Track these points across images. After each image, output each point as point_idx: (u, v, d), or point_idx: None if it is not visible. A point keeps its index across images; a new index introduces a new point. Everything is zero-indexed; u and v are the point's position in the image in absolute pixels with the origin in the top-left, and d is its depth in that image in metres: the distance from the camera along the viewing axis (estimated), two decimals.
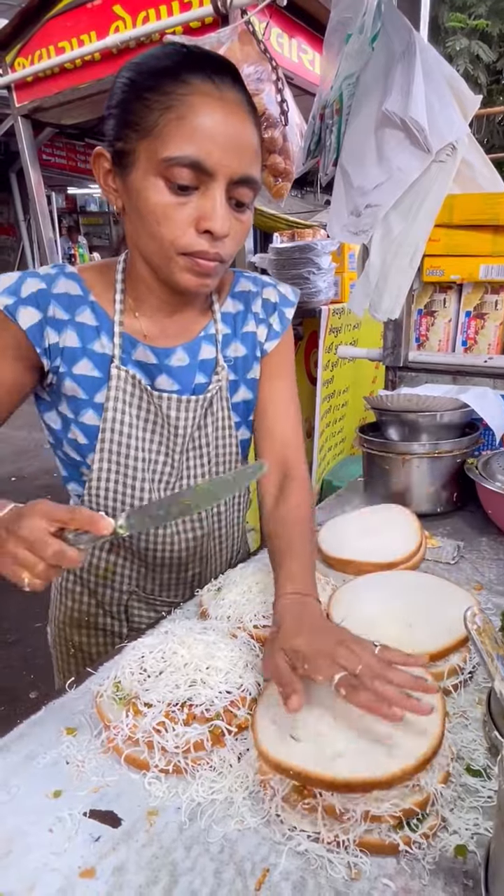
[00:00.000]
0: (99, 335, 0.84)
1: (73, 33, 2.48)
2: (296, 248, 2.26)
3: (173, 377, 0.88)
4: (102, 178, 0.77)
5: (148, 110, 0.69)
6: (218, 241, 0.73)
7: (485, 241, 1.41)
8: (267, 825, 0.55)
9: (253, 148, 0.73)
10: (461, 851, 0.52)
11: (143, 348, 0.86)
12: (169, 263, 0.75)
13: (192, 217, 0.71)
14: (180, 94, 0.68)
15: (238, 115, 0.71)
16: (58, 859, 0.53)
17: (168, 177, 0.69)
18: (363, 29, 1.22)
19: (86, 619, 1.02)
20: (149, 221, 0.72)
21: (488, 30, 12.01)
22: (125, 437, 0.87)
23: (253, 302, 0.96)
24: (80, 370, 0.84)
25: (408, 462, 1.21)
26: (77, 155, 6.45)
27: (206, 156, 0.68)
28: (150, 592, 1.01)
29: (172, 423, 0.88)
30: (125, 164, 0.73)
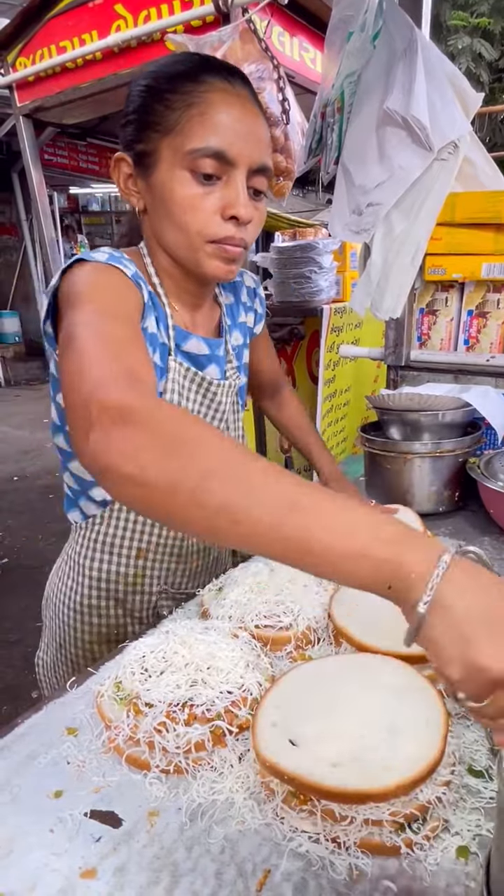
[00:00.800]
0: (159, 325, 0.86)
1: (74, 32, 2.48)
2: (297, 248, 2.26)
3: (218, 366, 0.94)
4: (123, 182, 0.82)
5: (169, 110, 0.74)
6: (242, 226, 0.78)
7: (487, 239, 1.41)
8: (268, 826, 0.55)
9: (266, 139, 0.80)
10: (463, 853, 0.52)
11: (197, 339, 0.90)
12: (197, 253, 0.79)
13: (218, 206, 0.76)
14: (200, 91, 0.74)
15: (252, 110, 0.78)
16: (58, 859, 0.52)
17: (193, 168, 0.74)
18: (365, 27, 1.22)
19: (115, 632, 0.99)
20: (176, 213, 0.77)
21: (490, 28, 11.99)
22: None
23: (240, 291, 1.05)
24: (153, 358, 0.84)
25: (409, 461, 1.21)
26: (79, 154, 6.46)
27: (229, 146, 0.74)
28: (179, 587, 1.01)
29: (220, 408, 0.95)
30: (148, 164, 0.78)
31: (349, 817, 0.51)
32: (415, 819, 0.52)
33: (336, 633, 0.77)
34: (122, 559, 0.95)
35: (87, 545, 0.96)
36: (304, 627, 0.79)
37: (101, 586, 0.97)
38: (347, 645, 0.75)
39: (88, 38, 2.44)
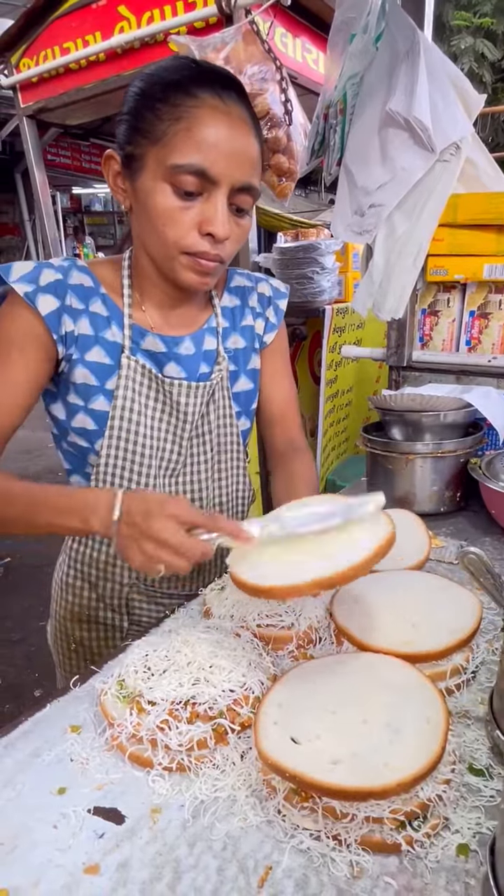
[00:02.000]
0: (110, 325, 0.88)
1: (77, 34, 2.48)
2: (299, 248, 2.26)
3: (181, 365, 0.93)
4: (112, 179, 0.83)
5: (158, 120, 0.74)
6: (219, 243, 0.79)
7: (489, 240, 1.41)
8: (270, 823, 0.55)
9: (254, 159, 0.79)
10: (463, 850, 0.52)
11: (153, 337, 0.91)
12: (172, 262, 0.81)
13: (196, 220, 0.77)
14: (189, 106, 0.74)
15: (241, 129, 0.77)
16: (62, 855, 0.53)
17: (175, 182, 0.75)
18: (367, 29, 1.22)
19: (86, 613, 1.03)
20: (155, 222, 0.78)
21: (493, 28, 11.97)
22: (134, 424, 0.90)
23: (249, 297, 1.03)
24: (93, 357, 0.87)
25: (411, 462, 1.21)
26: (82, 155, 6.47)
27: (211, 165, 0.74)
28: (151, 584, 1.02)
29: (182, 408, 0.93)
30: (134, 168, 0.79)
31: (350, 815, 0.52)
32: (415, 817, 0.53)
33: (337, 633, 0.77)
34: (96, 544, 0.99)
35: None
36: (305, 627, 0.80)
37: (78, 567, 1.02)
38: (349, 644, 0.75)
39: (92, 40, 2.44)
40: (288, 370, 1.11)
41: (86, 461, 0.93)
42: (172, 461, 0.96)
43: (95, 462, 0.91)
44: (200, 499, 1.00)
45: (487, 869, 0.46)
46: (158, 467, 0.94)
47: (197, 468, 0.98)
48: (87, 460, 0.93)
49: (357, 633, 0.74)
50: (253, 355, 1.03)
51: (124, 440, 0.90)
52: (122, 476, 0.92)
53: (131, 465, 0.92)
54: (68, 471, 0.97)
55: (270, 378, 1.07)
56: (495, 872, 0.46)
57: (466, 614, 0.76)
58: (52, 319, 0.83)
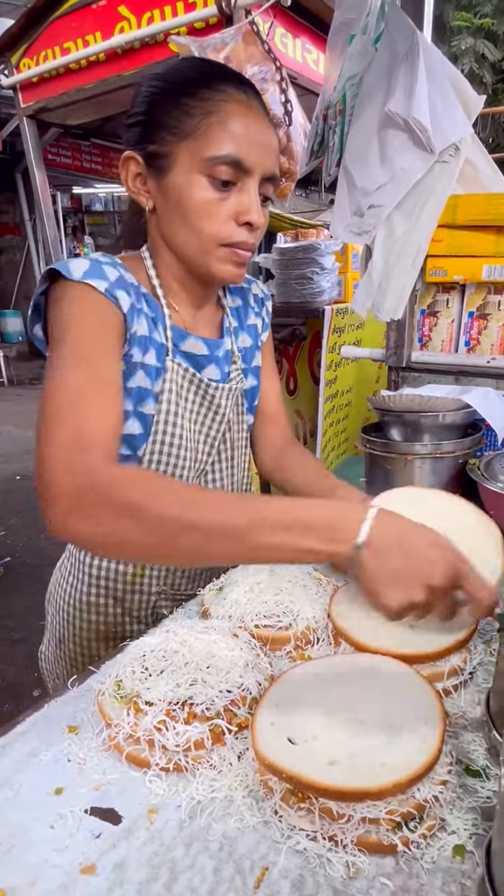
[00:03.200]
0: (156, 325, 0.87)
1: (78, 34, 2.49)
2: (299, 249, 2.26)
3: (218, 367, 0.95)
4: (131, 181, 0.83)
5: (187, 115, 0.76)
6: (253, 231, 0.81)
7: (488, 241, 1.41)
8: (266, 824, 0.55)
9: (276, 148, 0.83)
10: (459, 851, 0.52)
11: (195, 340, 0.91)
12: (208, 256, 0.82)
13: (233, 211, 0.79)
14: (219, 100, 0.76)
15: (264, 121, 0.81)
16: (59, 856, 0.53)
17: (211, 174, 0.77)
18: (367, 30, 1.22)
19: (113, 630, 0.99)
20: (191, 217, 0.79)
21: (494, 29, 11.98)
22: (177, 428, 0.90)
23: (248, 296, 1.06)
24: (148, 360, 0.86)
25: (410, 462, 1.21)
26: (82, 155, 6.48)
27: (245, 155, 0.77)
28: (178, 588, 1.01)
29: (220, 410, 0.95)
30: (161, 166, 0.79)
31: (346, 815, 0.52)
32: (412, 817, 0.53)
33: (335, 633, 0.77)
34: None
35: None
36: (303, 627, 0.80)
37: (101, 584, 0.97)
38: (346, 645, 0.75)
39: (92, 40, 2.45)
40: (275, 366, 1.15)
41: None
42: (203, 462, 0.97)
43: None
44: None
45: (483, 870, 0.46)
46: (192, 469, 0.95)
47: (220, 465, 1.00)
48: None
49: (355, 634, 0.74)
50: (256, 353, 1.06)
51: (167, 444, 0.89)
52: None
53: (171, 469, 0.91)
54: None
55: (265, 374, 1.10)
56: (491, 873, 0.46)
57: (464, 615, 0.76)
58: (129, 316, 0.80)
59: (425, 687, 0.63)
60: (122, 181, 0.84)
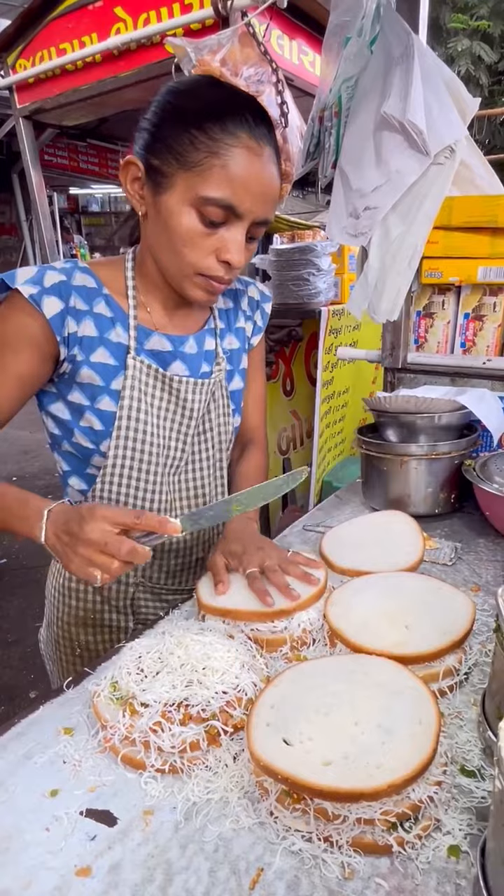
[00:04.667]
0: (114, 325, 0.90)
1: (74, 35, 2.49)
2: (296, 250, 2.26)
3: (186, 363, 0.96)
4: (129, 184, 0.84)
5: (193, 148, 0.76)
6: (231, 269, 0.83)
7: (483, 243, 1.42)
8: (262, 825, 0.56)
9: (276, 195, 0.84)
10: (454, 852, 0.52)
11: (159, 336, 0.93)
12: (184, 280, 0.85)
13: (215, 247, 0.81)
14: (227, 143, 0.76)
15: (270, 168, 0.81)
16: (54, 858, 0.53)
17: (202, 211, 0.78)
18: (362, 32, 1.22)
19: (91, 617, 1.03)
20: (175, 241, 0.81)
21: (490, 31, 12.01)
22: (141, 424, 0.91)
23: (241, 299, 1.07)
24: (97, 358, 0.89)
25: (406, 463, 1.21)
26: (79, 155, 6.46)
27: (240, 202, 0.78)
28: (157, 582, 1.03)
29: (188, 405, 0.95)
30: (159, 183, 0.80)
31: (342, 816, 0.52)
32: (407, 818, 0.53)
33: (331, 635, 0.78)
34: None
35: None
36: (300, 632, 0.80)
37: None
38: (342, 646, 0.75)
39: (88, 41, 2.45)
40: (262, 369, 1.17)
41: (87, 463, 0.93)
42: (177, 458, 0.98)
43: (101, 463, 0.92)
44: (203, 494, 1.03)
45: (478, 870, 0.47)
46: (164, 465, 0.96)
47: (199, 465, 1.01)
48: (89, 462, 0.93)
49: (350, 635, 0.74)
50: (243, 355, 1.08)
51: (132, 440, 0.91)
52: (128, 476, 0.93)
53: (139, 464, 0.93)
54: (66, 472, 0.97)
55: (249, 376, 1.12)
56: (486, 874, 0.46)
57: (459, 616, 0.76)
58: (56, 321, 0.84)
59: (420, 688, 0.63)
60: (121, 182, 0.85)
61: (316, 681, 0.66)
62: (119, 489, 0.93)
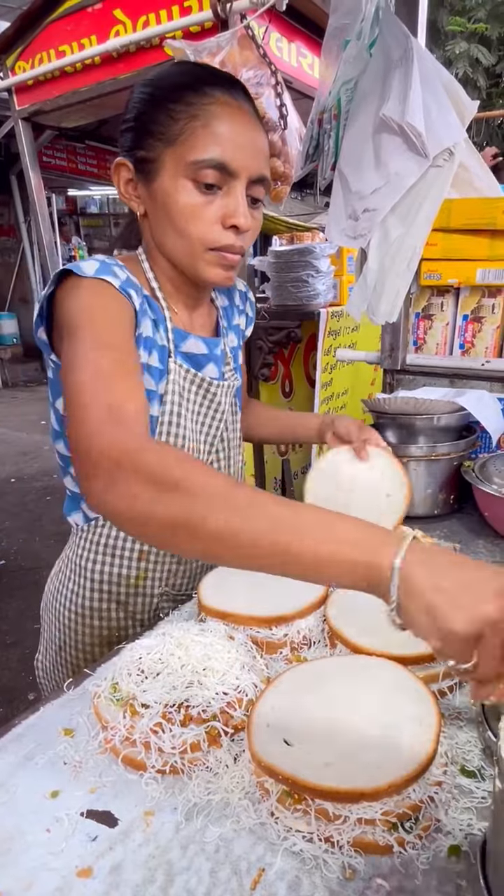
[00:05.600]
0: (157, 328, 0.88)
1: (73, 37, 2.49)
2: (294, 251, 2.27)
3: (217, 365, 0.96)
4: (123, 187, 0.84)
5: (172, 120, 0.76)
6: (241, 234, 0.81)
7: (482, 245, 1.42)
8: (262, 825, 0.56)
9: (265, 151, 0.82)
10: (455, 851, 0.53)
11: (195, 339, 0.92)
12: (197, 260, 0.82)
13: (218, 215, 0.79)
14: (203, 104, 0.76)
15: (252, 123, 0.80)
16: (55, 859, 0.53)
17: (196, 178, 0.77)
18: (361, 35, 1.23)
19: (116, 635, 0.99)
20: (178, 221, 0.79)
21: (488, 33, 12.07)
22: (181, 429, 0.91)
23: (234, 295, 1.07)
24: (151, 361, 0.86)
25: (405, 465, 1.21)
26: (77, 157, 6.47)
27: (230, 158, 0.76)
28: (180, 588, 1.01)
29: (220, 408, 0.96)
30: (149, 171, 0.79)
31: (342, 816, 0.52)
32: (407, 818, 0.53)
33: (331, 635, 0.78)
34: (125, 561, 0.95)
35: (88, 547, 0.97)
36: (300, 638, 0.80)
37: (104, 588, 0.97)
38: (342, 647, 0.75)
39: (87, 43, 2.45)
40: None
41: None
42: (202, 460, 0.97)
43: None
44: None
45: (478, 869, 0.47)
46: None
47: (217, 465, 1.02)
48: None
49: (350, 636, 0.74)
50: (239, 351, 1.08)
51: (171, 445, 0.88)
52: None
53: None
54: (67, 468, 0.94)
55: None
56: (486, 873, 0.46)
57: None
58: (140, 314, 0.81)
59: (420, 688, 0.63)
60: (115, 187, 0.84)
61: (316, 682, 0.66)
62: None
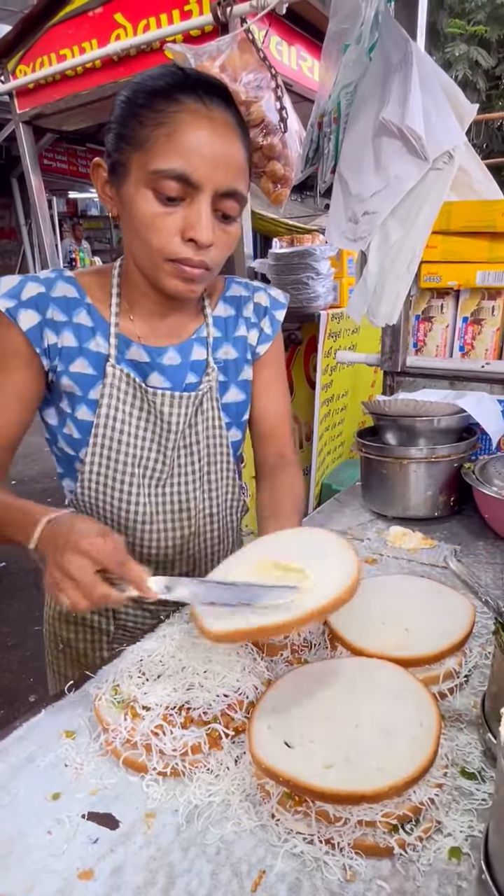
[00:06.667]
0: (94, 335, 0.89)
1: (74, 41, 2.50)
2: (295, 254, 2.27)
3: (165, 375, 0.92)
4: (101, 187, 0.84)
5: (140, 126, 0.74)
6: (202, 249, 0.78)
7: (481, 247, 1.42)
8: (263, 827, 0.56)
9: (239, 164, 0.78)
10: (455, 853, 0.53)
11: (137, 347, 0.91)
12: (157, 269, 0.81)
13: (179, 226, 0.76)
14: (171, 111, 0.73)
15: (225, 133, 0.75)
16: (56, 861, 0.53)
17: (156, 188, 0.74)
18: (361, 39, 1.23)
19: (73, 615, 1.03)
20: (139, 229, 0.78)
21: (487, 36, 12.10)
22: (117, 433, 0.90)
23: (244, 306, 1.01)
24: (77, 368, 0.88)
25: (405, 466, 1.22)
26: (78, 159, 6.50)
27: (193, 170, 0.73)
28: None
29: (165, 418, 0.92)
30: (119, 175, 0.79)
31: (343, 818, 0.52)
32: (408, 820, 0.53)
33: (331, 638, 0.78)
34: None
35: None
36: (300, 642, 0.80)
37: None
38: (343, 649, 0.75)
39: (88, 47, 2.46)
40: (283, 382, 1.07)
41: (73, 467, 0.94)
42: (157, 471, 0.94)
43: (81, 469, 0.92)
44: (188, 509, 0.98)
45: (482, 864, 0.47)
46: (142, 476, 0.93)
47: (184, 479, 0.96)
48: (73, 466, 0.94)
49: (351, 638, 0.74)
50: (245, 366, 1.01)
51: (107, 448, 0.90)
52: (105, 484, 0.92)
53: (114, 473, 0.92)
54: (60, 474, 0.98)
55: (263, 390, 1.04)
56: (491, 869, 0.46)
57: (459, 618, 0.76)
58: (33, 334, 0.84)
59: (421, 690, 0.63)
60: (94, 186, 0.85)
61: (317, 684, 0.66)
62: (96, 496, 0.93)
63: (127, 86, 0.80)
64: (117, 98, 0.80)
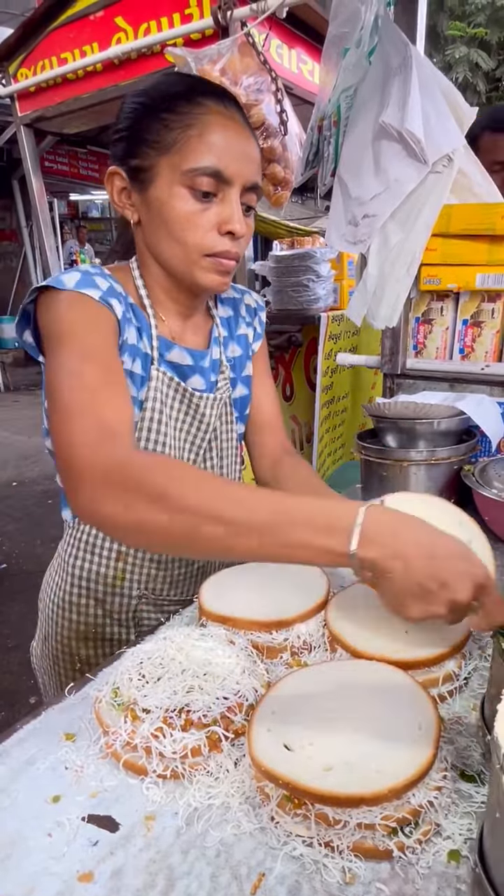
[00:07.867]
0: (141, 336, 0.89)
1: (75, 44, 2.51)
2: (295, 256, 2.28)
3: (203, 377, 0.96)
4: (116, 195, 0.86)
5: (167, 130, 0.78)
6: (236, 241, 0.83)
7: (481, 250, 1.43)
8: (263, 830, 0.56)
9: (258, 159, 0.85)
10: (454, 856, 0.53)
11: (179, 350, 0.92)
12: (193, 267, 0.84)
13: (214, 221, 0.81)
14: (197, 113, 0.78)
15: (245, 132, 0.83)
16: (56, 863, 0.53)
17: (191, 185, 0.79)
18: (360, 43, 1.24)
19: (93, 631, 1.01)
20: (174, 228, 0.81)
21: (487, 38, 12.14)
22: (161, 436, 0.91)
23: (240, 306, 1.08)
24: (134, 368, 0.88)
25: (405, 469, 1.22)
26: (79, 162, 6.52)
27: (225, 166, 0.79)
28: (160, 593, 1.02)
29: (205, 420, 0.95)
30: (143, 180, 0.81)
31: (342, 821, 0.52)
32: (407, 823, 0.53)
33: (331, 640, 0.78)
34: (103, 560, 0.98)
35: (73, 543, 1.00)
36: (300, 643, 0.80)
37: (83, 584, 0.99)
38: (342, 651, 0.75)
39: (89, 50, 2.47)
40: (269, 374, 1.15)
41: None
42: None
43: None
44: None
45: (480, 871, 0.47)
46: None
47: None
48: None
49: (350, 641, 0.75)
50: (247, 362, 1.07)
51: (150, 451, 0.90)
52: None
53: None
54: None
55: (258, 382, 1.10)
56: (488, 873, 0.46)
57: None
58: (122, 323, 0.84)
59: (420, 693, 0.63)
60: (109, 196, 0.86)
61: (317, 686, 0.66)
62: None
63: (134, 95, 0.83)
64: (126, 106, 0.83)
